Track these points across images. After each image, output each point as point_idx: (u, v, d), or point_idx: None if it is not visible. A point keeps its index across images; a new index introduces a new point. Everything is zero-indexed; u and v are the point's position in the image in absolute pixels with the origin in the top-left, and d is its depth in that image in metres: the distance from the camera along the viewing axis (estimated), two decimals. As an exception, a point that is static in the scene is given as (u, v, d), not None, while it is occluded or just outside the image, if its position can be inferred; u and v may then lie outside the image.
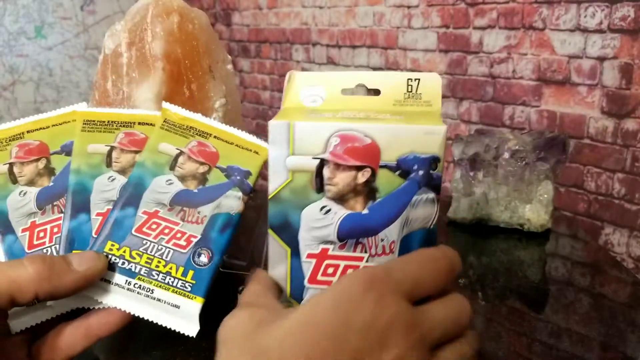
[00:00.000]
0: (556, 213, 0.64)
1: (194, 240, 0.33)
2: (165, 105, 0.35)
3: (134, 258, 0.33)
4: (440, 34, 1.22)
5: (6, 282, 0.27)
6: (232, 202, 0.35)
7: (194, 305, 0.32)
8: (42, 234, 0.34)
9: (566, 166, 1.02)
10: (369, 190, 0.34)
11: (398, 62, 1.33)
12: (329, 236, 0.34)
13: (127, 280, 0.32)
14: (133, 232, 0.33)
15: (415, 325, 0.23)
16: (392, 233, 0.34)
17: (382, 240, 0.34)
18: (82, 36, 1.89)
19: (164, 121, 0.35)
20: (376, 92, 0.38)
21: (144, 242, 0.33)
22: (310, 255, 0.35)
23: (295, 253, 0.35)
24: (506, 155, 0.61)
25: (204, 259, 0.33)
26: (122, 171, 0.35)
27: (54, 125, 0.36)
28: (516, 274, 0.52)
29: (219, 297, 0.46)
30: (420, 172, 0.33)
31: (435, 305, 0.26)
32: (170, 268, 0.33)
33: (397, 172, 0.33)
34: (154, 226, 0.33)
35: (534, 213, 0.61)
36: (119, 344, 0.39)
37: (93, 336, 0.31)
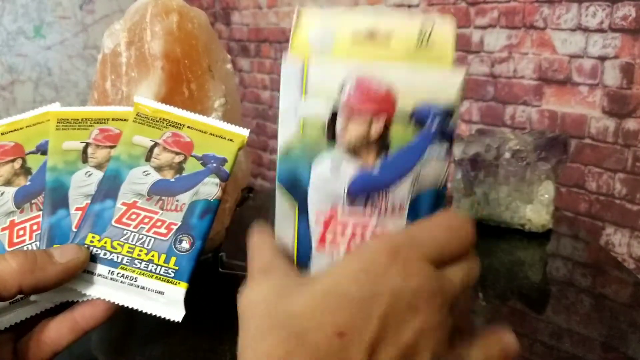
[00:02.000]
0: (557, 213, 0.64)
1: (174, 227, 0.34)
2: (137, 99, 0.36)
3: (115, 248, 0.33)
4: (440, 33, 1.22)
5: None
6: (210, 188, 0.35)
7: (178, 291, 0.32)
8: (21, 232, 0.34)
9: (567, 166, 1.01)
10: (382, 142, 0.32)
11: (398, 62, 1.33)
12: (339, 192, 0.33)
13: (110, 270, 0.32)
14: (113, 223, 0.33)
15: (440, 290, 0.24)
16: (402, 191, 0.33)
17: (392, 199, 0.33)
18: (81, 35, 1.89)
19: (137, 114, 0.36)
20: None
21: (125, 232, 0.33)
22: (319, 214, 0.33)
23: (304, 212, 0.33)
24: (507, 155, 0.61)
25: (185, 245, 0.33)
26: (98, 166, 0.35)
27: (28, 127, 0.36)
28: (517, 275, 0.51)
29: (219, 297, 0.45)
30: (436, 123, 0.32)
31: (456, 269, 0.26)
32: (152, 256, 0.33)
33: (412, 122, 0.32)
34: (133, 216, 0.34)
35: (534, 213, 0.61)
36: (115, 342, 0.39)
37: (79, 330, 0.31)
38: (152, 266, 0.33)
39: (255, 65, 1.82)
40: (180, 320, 0.32)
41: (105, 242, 0.33)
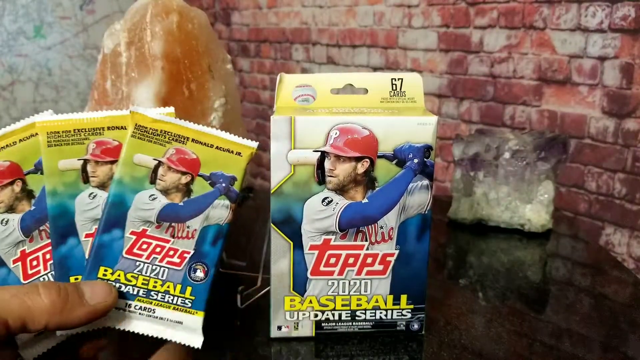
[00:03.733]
0: (557, 213, 0.64)
1: (187, 256, 0.33)
2: (133, 108, 0.33)
3: (130, 281, 0.32)
4: (440, 33, 1.22)
5: (21, 310, 0.27)
6: (220, 212, 0.33)
7: (196, 319, 0.33)
8: (35, 263, 0.32)
9: (567, 166, 1.02)
10: (368, 180, 0.36)
11: (398, 62, 1.33)
12: (330, 226, 0.36)
13: (127, 304, 0.32)
14: (124, 255, 0.32)
15: None
16: (390, 220, 0.37)
17: (382, 227, 0.37)
18: (82, 36, 1.89)
19: (135, 127, 0.33)
20: (364, 92, 0.40)
21: (137, 263, 0.32)
22: (312, 247, 0.37)
23: (298, 246, 0.36)
24: (507, 155, 0.61)
25: (200, 274, 0.33)
26: (101, 185, 0.33)
27: (21, 141, 0.32)
28: (517, 275, 0.51)
29: (219, 297, 0.45)
30: (415, 161, 0.35)
31: None
32: (168, 287, 0.33)
33: (394, 162, 0.36)
34: (144, 246, 0.33)
35: (534, 213, 0.61)
36: (114, 344, 0.39)
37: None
38: (169, 297, 0.33)
39: (255, 65, 1.82)
40: (199, 347, 0.32)
41: (118, 275, 0.32)
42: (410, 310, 0.39)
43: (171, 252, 0.33)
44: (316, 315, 0.38)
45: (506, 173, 0.61)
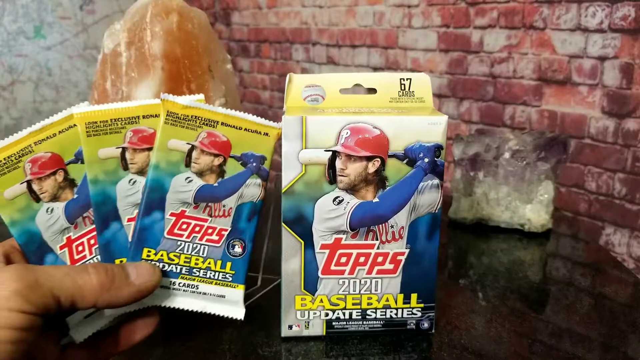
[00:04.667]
0: (557, 213, 0.64)
1: (225, 233, 0.35)
2: (164, 95, 0.34)
3: (173, 260, 0.34)
4: (440, 33, 1.22)
5: (72, 288, 0.28)
6: (253, 190, 0.35)
7: (238, 293, 0.35)
8: (80, 248, 0.34)
9: (567, 166, 1.02)
10: (379, 180, 0.36)
11: (398, 62, 1.33)
12: (341, 226, 0.36)
13: (171, 282, 0.34)
14: (166, 236, 0.34)
15: None
16: (401, 219, 0.37)
17: (392, 226, 0.37)
18: (82, 36, 1.89)
19: (167, 114, 0.34)
20: (371, 91, 0.39)
21: (179, 242, 0.34)
22: (323, 246, 0.37)
23: (309, 245, 0.37)
24: (507, 155, 0.61)
25: (238, 249, 0.35)
26: (140, 172, 0.34)
27: (60, 132, 0.34)
28: (517, 274, 0.51)
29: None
30: (426, 160, 0.35)
31: None
32: (209, 263, 0.35)
33: (405, 161, 0.36)
34: (184, 226, 0.34)
35: (534, 213, 0.61)
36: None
37: (132, 340, 0.33)
38: (211, 273, 0.35)
39: (255, 65, 1.82)
40: (242, 318, 0.35)
41: (162, 255, 0.34)
42: (420, 309, 0.39)
43: (210, 231, 0.35)
44: (327, 315, 0.38)
45: (506, 173, 0.61)
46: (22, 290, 0.26)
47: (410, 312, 0.39)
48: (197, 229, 0.34)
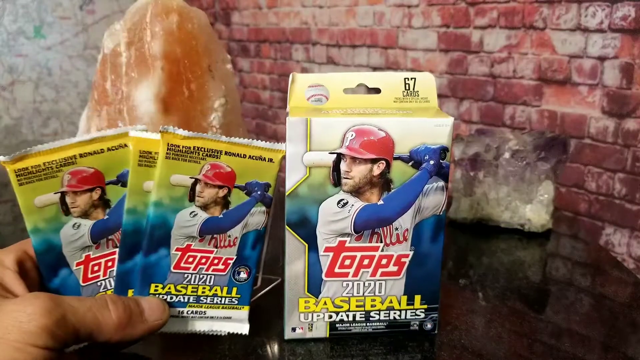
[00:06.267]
0: (557, 213, 0.64)
1: (231, 262, 0.35)
2: (163, 127, 0.32)
3: (180, 291, 0.34)
4: (440, 33, 1.22)
5: (93, 324, 0.28)
6: (258, 218, 0.35)
7: (243, 313, 0.36)
8: (96, 268, 0.33)
9: (567, 166, 1.01)
10: (384, 182, 0.35)
11: (398, 62, 1.33)
12: (346, 228, 0.36)
13: (179, 311, 0.35)
14: (172, 270, 0.34)
15: None
16: (405, 221, 0.36)
17: (397, 229, 0.37)
18: (81, 36, 1.89)
19: (168, 148, 0.32)
20: (375, 91, 0.39)
21: (185, 275, 0.34)
22: (327, 249, 0.36)
23: (313, 248, 0.36)
24: (507, 155, 0.61)
25: (243, 275, 0.35)
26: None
27: (109, 150, 0.32)
28: (517, 275, 0.51)
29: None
30: (431, 162, 0.35)
31: None
32: (216, 290, 0.35)
33: (410, 163, 0.35)
34: (190, 259, 0.34)
35: (534, 213, 0.61)
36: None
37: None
38: (217, 299, 0.35)
39: (255, 65, 1.82)
40: (247, 333, 0.36)
41: (169, 288, 0.34)
42: (423, 310, 0.39)
43: (215, 261, 0.35)
44: (330, 317, 0.38)
45: (506, 173, 0.61)
46: (50, 327, 0.26)
47: (414, 314, 0.39)
48: (203, 260, 0.34)
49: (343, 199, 0.35)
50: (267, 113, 1.79)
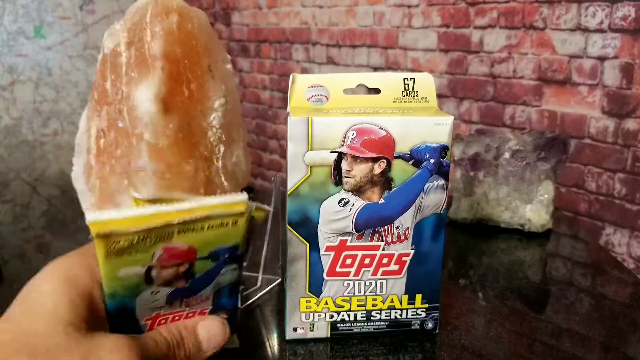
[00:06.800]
0: (557, 213, 0.64)
1: (207, 311, 0.32)
2: (91, 217, 0.25)
3: None
4: (440, 33, 1.22)
5: None
6: (230, 275, 0.32)
7: (233, 342, 0.34)
8: (163, 321, 0.31)
9: (567, 166, 1.01)
10: (385, 181, 0.36)
11: (398, 62, 1.33)
12: (347, 227, 0.36)
13: None
14: None
15: None
16: (406, 220, 0.37)
17: (397, 228, 0.37)
18: (81, 36, 1.89)
19: (107, 245, 0.26)
20: (375, 91, 0.39)
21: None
22: (329, 248, 0.36)
23: (314, 247, 0.36)
24: (507, 155, 0.61)
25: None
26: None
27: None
28: (517, 274, 0.51)
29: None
30: (432, 161, 0.35)
31: None
32: None
33: (411, 162, 0.36)
34: (163, 320, 0.31)
35: (534, 213, 0.61)
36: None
37: None
38: None
39: (255, 65, 1.82)
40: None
41: None
42: (424, 310, 0.39)
43: (190, 315, 0.32)
44: (332, 316, 0.38)
45: (506, 173, 0.61)
46: None
47: (415, 313, 0.39)
48: (176, 318, 0.31)
49: (344, 198, 0.36)
50: (267, 113, 1.79)
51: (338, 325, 0.39)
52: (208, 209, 0.28)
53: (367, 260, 0.37)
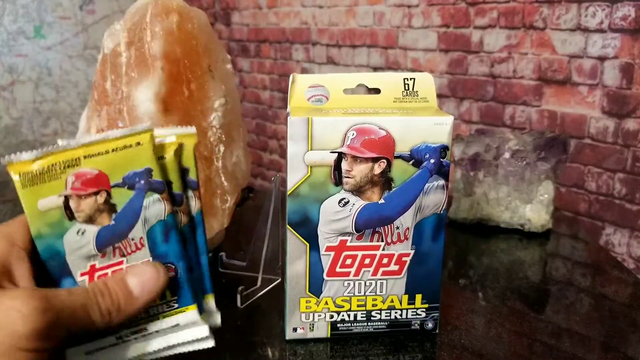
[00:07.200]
0: (557, 213, 0.64)
1: (173, 270, 0.31)
2: (8, 159, 0.29)
3: None
4: (440, 33, 1.22)
5: (85, 321, 0.27)
6: (156, 208, 0.31)
7: (190, 314, 0.32)
8: (101, 277, 0.31)
9: (567, 166, 1.01)
10: (385, 181, 0.36)
11: (398, 62, 1.33)
12: (347, 227, 0.36)
13: (117, 337, 0.30)
14: None
15: None
16: (406, 220, 0.37)
17: (397, 228, 0.37)
18: (81, 36, 1.89)
19: (21, 177, 0.29)
20: (375, 91, 0.39)
21: None
22: (329, 248, 0.36)
23: (314, 247, 0.36)
24: (507, 155, 0.61)
25: (169, 273, 0.31)
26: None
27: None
28: (517, 275, 0.51)
29: (219, 297, 0.45)
30: (432, 161, 0.35)
31: None
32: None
33: (411, 162, 0.35)
34: (101, 277, 0.30)
35: (534, 213, 0.61)
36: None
37: None
38: (153, 310, 0.31)
39: (255, 65, 1.82)
40: (213, 345, 0.32)
41: None
42: (424, 310, 0.39)
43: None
44: (332, 317, 0.38)
45: (506, 173, 0.61)
46: (42, 330, 0.24)
47: (415, 313, 0.39)
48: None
49: (344, 198, 0.36)
50: (267, 113, 1.79)
51: (338, 325, 0.39)
52: (113, 141, 0.30)
53: (367, 261, 0.37)
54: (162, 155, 0.31)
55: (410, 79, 0.39)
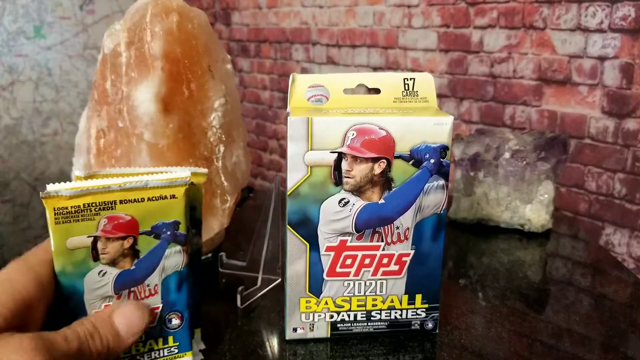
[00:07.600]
0: (557, 213, 0.64)
1: (158, 311, 0.33)
2: (45, 192, 0.29)
3: None
4: (440, 33, 1.22)
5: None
6: (175, 259, 0.32)
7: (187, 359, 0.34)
8: None
9: (567, 166, 1.02)
10: (385, 181, 0.36)
11: (398, 62, 1.33)
12: (347, 227, 0.36)
13: None
14: None
15: None
16: (406, 220, 0.37)
17: (397, 228, 0.37)
18: (81, 36, 1.89)
19: (55, 213, 0.29)
20: (375, 91, 0.39)
21: None
22: (329, 248, 0.36)
23: (314, 247, 0.36)
24: (507, 155, 0.61)
25: (175, 322, 0.33)
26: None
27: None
28: (517, 275, 0.51)
29: (219, 297, 0.45)
30: (432, 161, 0.35)
31: None
32: (151, 344, 0.33)
33: (411, 162, 0.35)
34: None
35: (534, 213, 0.61)
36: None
37: None
38: (155, 353, 0.33)
39: (255, 65, 1.82)
40: None
41: None
42: (424, 310, 0.39)
43: None
44: (332, 317, 0.38)
45: (506, 173, 0.61)
46: None
47: (415, 313, 0.39)
48: None
49: (344, 198, 0.36)
50: (267, 113, 1.79)
51: (338, 325, 0.39)
52: (151, 190, 0.31)
53: (367, 261, 0.37)
54: (174, 195, 0.32)
55: (410, 79, 0.39)
